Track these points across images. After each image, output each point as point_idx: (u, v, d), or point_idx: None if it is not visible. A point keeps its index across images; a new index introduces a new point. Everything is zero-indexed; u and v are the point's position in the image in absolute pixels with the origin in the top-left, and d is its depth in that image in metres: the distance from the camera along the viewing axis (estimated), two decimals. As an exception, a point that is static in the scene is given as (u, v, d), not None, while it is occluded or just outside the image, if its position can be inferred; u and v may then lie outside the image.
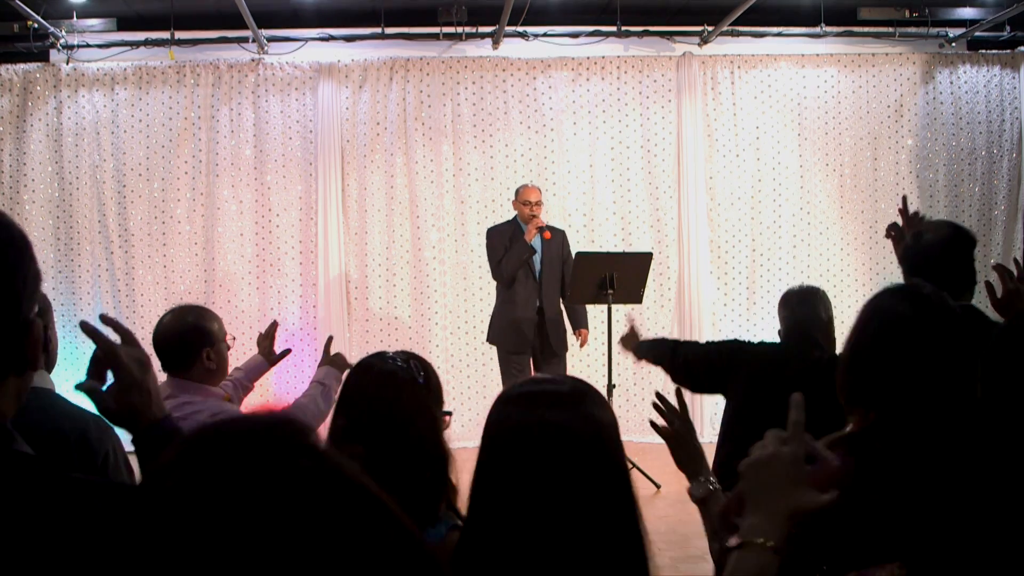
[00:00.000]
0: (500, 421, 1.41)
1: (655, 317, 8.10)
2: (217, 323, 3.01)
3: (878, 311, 1.79)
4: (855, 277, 8.26)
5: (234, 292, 7.87)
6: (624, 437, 1.47)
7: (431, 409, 1.91)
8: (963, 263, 2.81)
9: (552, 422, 1.34)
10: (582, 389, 1.43)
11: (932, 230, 2.93)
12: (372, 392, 1.92)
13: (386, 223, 7.96)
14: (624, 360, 8.03)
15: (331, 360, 3.36)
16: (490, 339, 6.73)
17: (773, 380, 3.21)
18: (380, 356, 1.99)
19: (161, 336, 2.89)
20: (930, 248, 2.82)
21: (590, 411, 1.38)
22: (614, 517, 1.34)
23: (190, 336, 2.89)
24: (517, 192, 6.71)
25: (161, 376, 2.33)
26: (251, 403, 3.93)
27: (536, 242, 6.45)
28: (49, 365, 2.31)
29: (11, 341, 1.13)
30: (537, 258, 6.48)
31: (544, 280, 6.45)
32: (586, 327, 6.65)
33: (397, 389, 1.90)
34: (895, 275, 9.21)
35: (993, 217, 8.35)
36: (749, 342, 3.78)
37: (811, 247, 8.22)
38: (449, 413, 2.02)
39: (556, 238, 6.58)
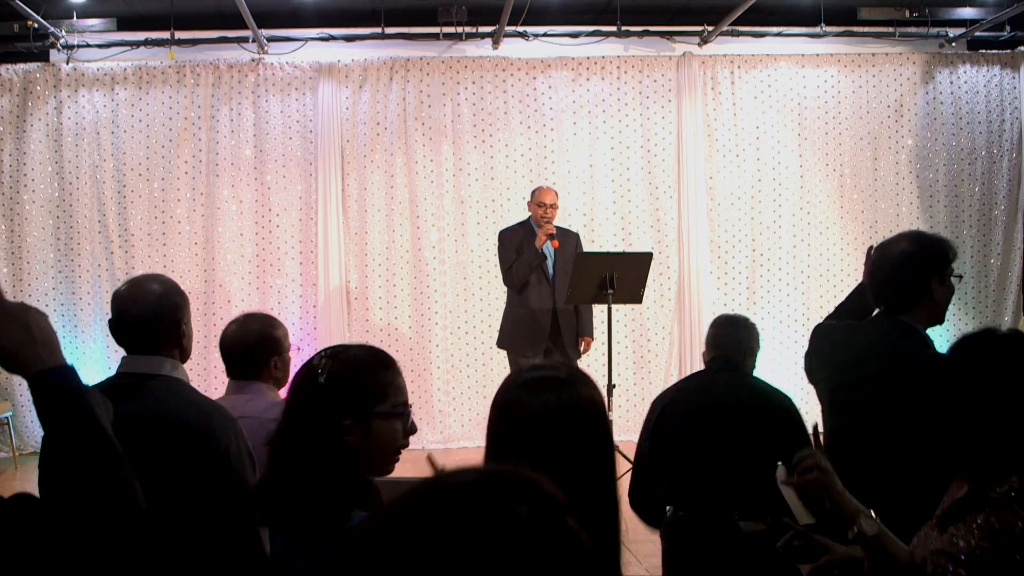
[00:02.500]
0: (510, 402, 1.62)
1: (655, 317, 8.10)
2: (283, 331, 3.02)
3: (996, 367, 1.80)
4: (855, 277, 8.21)
5: (234, 292, 7.87)
6: (624, 437, 1.64)
7: (329, 407, 1.82)
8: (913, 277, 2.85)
9: (555, 402, 1.59)
10: (576, 373, 1.67)
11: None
12: (289, 390, 1.94)
13: (386, 223, 7.96)
14: (624, 360, 8.07)
15: None
16: (500, 343, 6.66)
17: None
18: (317, 353, 1.97)
19: (229, 344, 2.91)
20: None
21: (587, 392, 1.62)
22: (602, 480, 1.58)
23: (259, 345, 2.91)
24: (532, 193, 6.65)
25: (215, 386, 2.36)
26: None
27: (548, 247, 6.44)
28: (183, 357, 2.41)
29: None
30: (550, 261, 6.48)
31: (557, 282, 6.43)
32: (591, 336, 6.63)
33: (294, 385, 1.90)
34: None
35: (993, 217, 8.35)
36: None
37: (811, 247, 8.22)
38: (397, 414, 1.92)
39: (570, 240, 6.58)
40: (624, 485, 1.80)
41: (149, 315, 2.33)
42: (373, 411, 1.85)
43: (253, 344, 2.90)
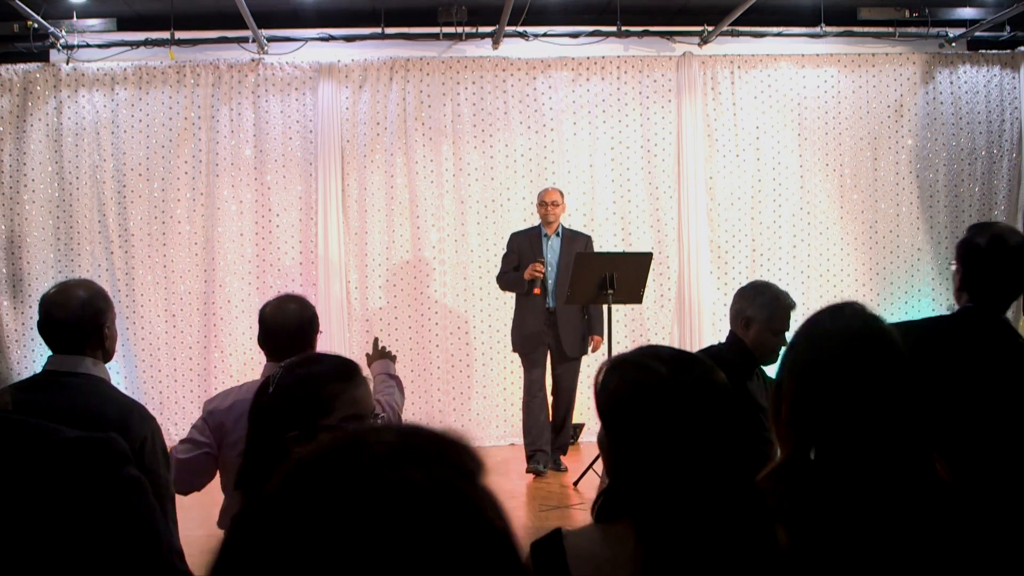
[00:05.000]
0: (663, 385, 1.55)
1: (655, 317, 8.10)
2: (313, 309, 3.12)
3: (820, 336, 1.79)
4: (855, 277, 8.26)
5: (234, 292, 7.87)
6: None
7: (275, 419, 1.85)
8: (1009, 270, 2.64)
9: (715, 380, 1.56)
10: (691, 354, 1.65)
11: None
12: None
13: (386, 223, 7.96)
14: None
15: (381, 354, 3.49)
16: (513, 347, 6.85)
17: None
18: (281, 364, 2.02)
19: (280, 324, 2.97)
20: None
21: (716, 374, 1.59)
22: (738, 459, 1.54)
23: (307, 325, 3.00)
24: (538, 195, 6.92)
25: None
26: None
27: (554, 248, 6.65)
28: (107, 357, 2.58)
29: None
30: (554, 261, 6.62)
31: (560, 283, 6.49)
32: (600, 335, 6.65)
33: (254, 399, 1.94)
34: (894, 274, 9.20)
35: (993, 217, 8.34)
36: None
37: (811, 247, 8.22)
38: (333, 427, 1.87)
39: (578, 241, 6.75)
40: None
41: (74, 319, 2.50)
42: (319, 424, 1.83)
43: (308, 325, 3.01)
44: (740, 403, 1.58)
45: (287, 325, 2.95)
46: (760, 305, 3.31)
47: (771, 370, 3.30)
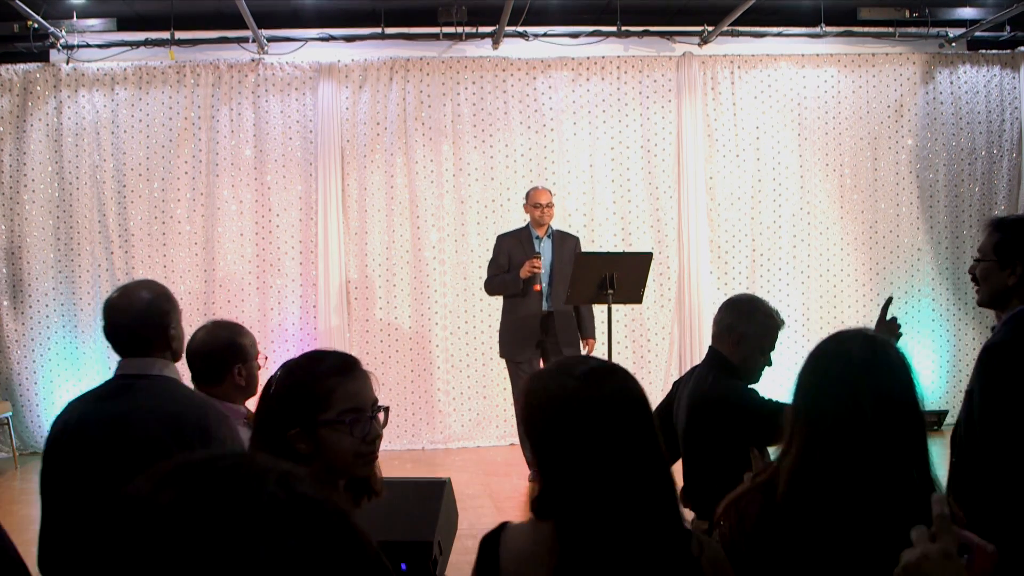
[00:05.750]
0: (563, 397, 1.64)
1: (655, 317, 8.10)
2: (250, 340, 3.00)
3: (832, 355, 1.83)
4: (855, 277, 8.26)
5: (234, 292, 7.87)
6: None
7: (276, 417, 1.87)
8: None
9: (610, 393, 1.64)
10: (616, 366, 1.73)
11: None
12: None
13: (386, 223, 7.96)
14: (624, 360, 8.06)
15: None
16: (500, 352, 6.74)
17: None
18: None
19: (194, 350, 2.92)
20: None
21: (629, 388, 1.67)
22: (657, 468, 1.63)
23: (222, 352, 2.90)
24: (527, 195, 6.73)
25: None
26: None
27: (547, 249, 6.55)
28: (175, 358, 2.55)
29: None
30: (547, 262, 6.53)
31: (553, 287, 6.48)
32: (593, 337, 6.64)
33: (259, 397, 1.99)
34: (894, 274, 9.19)
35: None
36: None
37: (811, 247, 8.22)
38: (339, 422, 1.89)
39: (568, 243, 6.67)
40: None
41: (139, 323, 2.48)
42: (318, 419, 1.86)
43: (220, 351, 2.91)
44: (650, 414, 1.66)
45: (200, 349, 2.90)
46: (756, 322, 3.16)
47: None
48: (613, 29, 7.90)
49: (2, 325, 7.75)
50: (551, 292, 6.50)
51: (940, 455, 1.98)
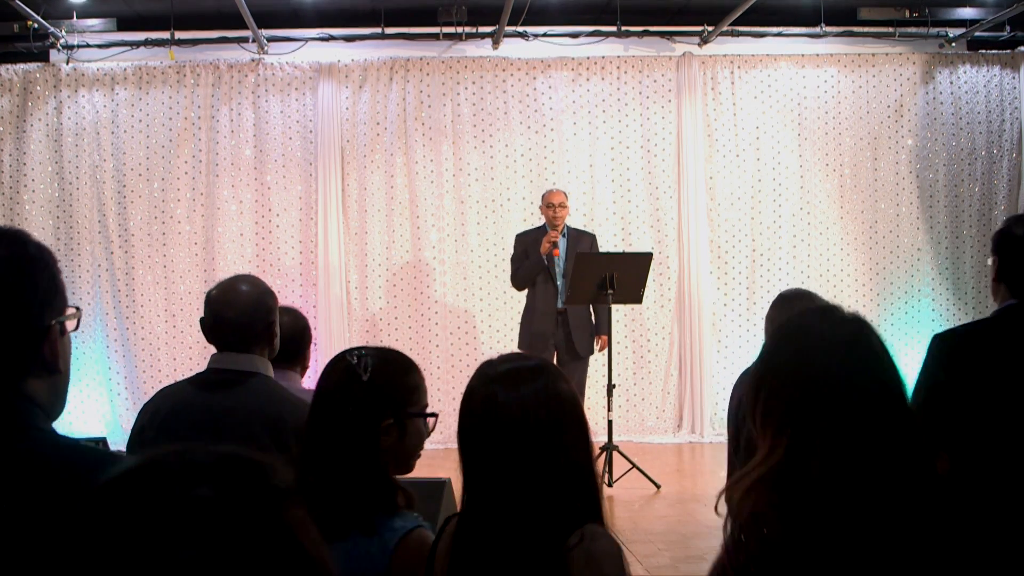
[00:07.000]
0: (486, 397, 1.67)
1: (655, 317, 8.10)
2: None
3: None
4: (855, 277, 8.26)
5: (234, 292, 7.87)
6: (624, 437, 1.73)
7: (372, 407, 1.86)
8: None
9: (531, 395, 1.65)
10: (548, 365, 1.75)
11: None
12: (322, 386, 1.95)
13: (386, 223, 7.96)
14: (624, 360, 8.07)
15: None
16: (519, 345, 6.82)
17: None
18: (346, 352, 2.00)
19: (287, 334, 2.91)
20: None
21: (563, 384, 1.70)
22: (583, 471, 1.65)
23: (302, 333, 3.03)
24: (543, 196, 6.86)
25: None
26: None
27: (562, 247, 6.60)
28: (272, 354, 2.54)
29: (25, 346, 1.20)
30: (560, 260, 6.59)
31: (566, 283, 6.50)
32: (607, 333, 6.64)
33: (330, 382, 1.94)
34: (894, 274, 9.19)
35: (993, 217, 8.34)
36: None
37: (811, 247, 8.22)
38: (431, 415, 1.96)
39: (584, 240, 6.73)
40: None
41: (246, 318, 2.49)
42: (409, 412, 1.91)
43: (302, 334, 3.04)
44: (564, 414, 1.67)
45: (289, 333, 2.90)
46: None
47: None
48: (613, 29, 7.90)
49: (2, 325, 7.74)
50: (567, 290, 6.53)
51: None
